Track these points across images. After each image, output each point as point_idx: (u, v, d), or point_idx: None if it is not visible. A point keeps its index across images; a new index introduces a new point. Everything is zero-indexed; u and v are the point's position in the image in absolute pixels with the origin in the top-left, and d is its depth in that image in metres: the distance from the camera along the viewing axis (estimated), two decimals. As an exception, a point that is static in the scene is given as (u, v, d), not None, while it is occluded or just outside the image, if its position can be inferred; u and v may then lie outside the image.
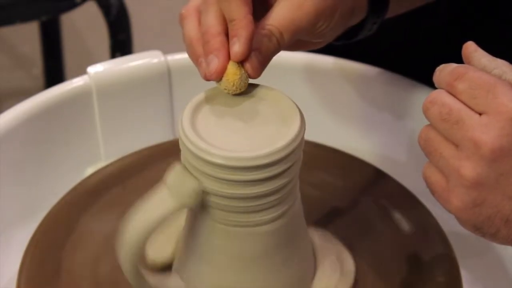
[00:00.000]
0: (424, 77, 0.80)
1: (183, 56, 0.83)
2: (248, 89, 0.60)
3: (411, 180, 0.74)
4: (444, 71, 0.55)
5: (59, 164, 0.79)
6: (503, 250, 0.75)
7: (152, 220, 0.56)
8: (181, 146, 0.58)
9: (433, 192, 0.56)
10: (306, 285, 0.64)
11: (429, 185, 0.56)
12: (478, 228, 0.55)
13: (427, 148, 0.55)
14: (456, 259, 0.68)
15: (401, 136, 0.81)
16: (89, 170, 0.79)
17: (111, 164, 0.76)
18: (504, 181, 0.52)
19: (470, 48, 0.57)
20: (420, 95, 0.78)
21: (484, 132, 0.52)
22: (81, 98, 0.79)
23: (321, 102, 0.82)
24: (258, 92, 0.60)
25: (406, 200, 0.73)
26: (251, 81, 0.60)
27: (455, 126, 0.53)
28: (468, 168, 0.52)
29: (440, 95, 0.55)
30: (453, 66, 0.55)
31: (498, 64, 0.56)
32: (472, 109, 0.53)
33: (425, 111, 0.55)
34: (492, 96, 0.52)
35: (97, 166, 0.78)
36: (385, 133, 0.81)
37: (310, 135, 0.67)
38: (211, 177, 0.56)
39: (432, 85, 0.78)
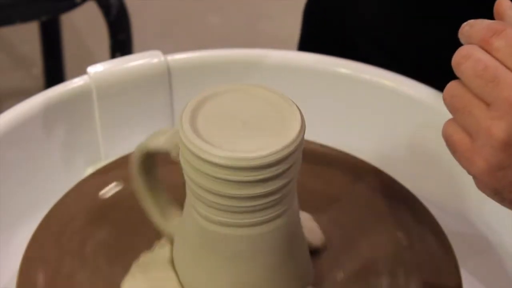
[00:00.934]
0: (425, 77, 0.80)
1: (183, 56, 0.83)
2: (248, 89, 0.60)
3: (411, 180, 0.74)
4: (477, 26, 0.52)
5: (59, 164, 0.79)
6: (503, 250, 0.75)
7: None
8: (181, 146, 0.58)
9: (453, 151, 0.53)
10: (306, 284, 0.64)
11: (450, 143, 0.53)
12: (498, 193, 0.53)
13: (454, 104, 0.52)
14: (456, 259, 0.68)
15: (401, 136, 0.81)
16: (89, 170, 0.79)
17: (111, 164, 0.76)
18: None
19: (504, 5, 0.54)
20: (422, 95, 0.78)
21: None
22: (81, 98, 0.79)
23: (321, 102, 0.82)
24: (258, 92, 0.60)
25: (406, 200, 0.73)
26: (251, 81, 0.60)
27: (490, 83, 0.50)
28: (500, 128, 0.50)
29: (474, 50, 0.52)
30: (487, 21, 0.52)
31: None
32: (510, 69, 0.50)
33: (456, 66, 0.52)
34: None
35: (97, 166, 0.78)
36: (385, 133, 0.81)
37: (310, 135, 0.67)
38: (211, 177, 0.56)
39: (433, 86, 0.78)
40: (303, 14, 0.99)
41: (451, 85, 0.53)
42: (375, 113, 0.82)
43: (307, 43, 1.00)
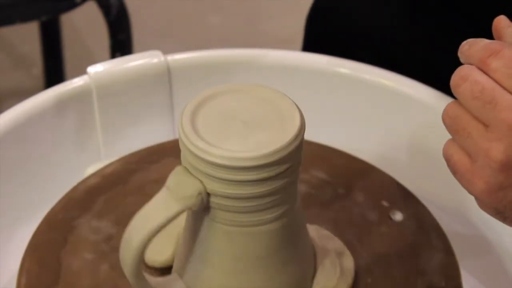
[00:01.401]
0: (425, 77, 0.80)
1: (183, 56, 0.83)
2: (248, 89, 0.60)
3: (411, 180, 0.74)
4: (475, 46, 0.53)
5: (59, 164, 0.79)
6: (503, 250, 0.75)
7: (155, 224, 0.56)
8: (181, 146, 0.58)
9: (454, 171, 0.54)
10: (306, 284, 0.64)
11: (450, 164, 0.54)
12: (499, 212, 0.53)
13: (453, 126, 0.53)
14: (456, 259, 0.68)
15: (401, 136, 0.81)
16: (89, 170, 0.79)
17: (111, 164, 0.76)
18: None
19: (503, 22, 0.54)
20: (422, 96, 0.78)
21: None
22: (81, 98, 0.79)
23: (321, 102, 0.83)
24: (258, 92, 0.60)
25: (406, 200, 0.73)
26: (251, 81, 0.60)
27: (487, 105, 0.51)
28: (498, 150, 0.50)
29: (472, 72, 0.52)
30: (485, 41, 0.53)
31: None
32: (507, 90, 0.50)
33: (455, 87, 0.52)
34: None
35: (97, 166, 0.78)
36: (385, 133, 0.81)
37: (310, 135, 0.67)
38: (211, 177, 0.56)
39: (434, 86, 0.78)
40: (305, 24, 0.99)
41: (450, 106, 0.53)
42: (375, 113, 0.82)
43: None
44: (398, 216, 0.71)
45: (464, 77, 0.52)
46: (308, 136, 0.60)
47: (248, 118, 0.58)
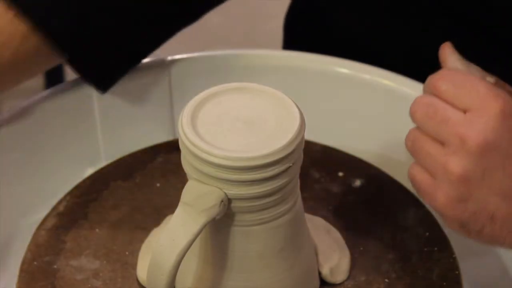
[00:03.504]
0: (406, 75, 0.80)
1: (183, 56, 0.83)
2: (248, 89, 0.60)
3: (411, 180, 0.74)
4: (429, 77, 0.57)
5: (59, 164, 0.79)
6: (503, 250, 0.75)
7: (184, 242, 0.55)
8: (181, 146, 0.58)
9: (418, 189, 0.57)
10: (315, 264, 0.65)
11: (414, 183, 0.57)
12: (463, 226, 0.55)
13: (413, 148, 0.57)
14: (456, 259, 0.68)
15: (401, 136, 0.81)
16: (89, 170, 0.79)
17: (111, 164, 0.76)
18: (490, 176, 0.54)
19: (448, 49, 0.59)
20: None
21: (469, 127, 0.53)
22: (81, 98, 0.79)
23: (321, 102, 0.82)
24: (258, 92, 0.60)
25: (406, 200, 0.73)
26: (251, 81, 0.60)
27: (441, 124, 0.55)
28: (455, 163, 0.54)
29: (425, 97, 0.56)
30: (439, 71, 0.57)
31: (471, 70, 0.58)
32: (457, 107, 0.55)
33: (412, 114, 0.57)
34: (475, 93, 0.54)
35: (97, 166, 0.78)
36: (385, 133, 0.81)
37: (311, 135, 0.67)
38: (211, 177, 0.56)
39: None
40: (283, 28, 1.00)
41: (410, 132, 0.58)
42: (376, 113, 0.82)
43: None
44: (397, 216, 0.71)
45: (419, 103, 0.57)
46: (308, 136, 0.60)
47: (248, 118, 0.58)
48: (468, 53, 0.59)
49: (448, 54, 0.59)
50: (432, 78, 0.56)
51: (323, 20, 0.93)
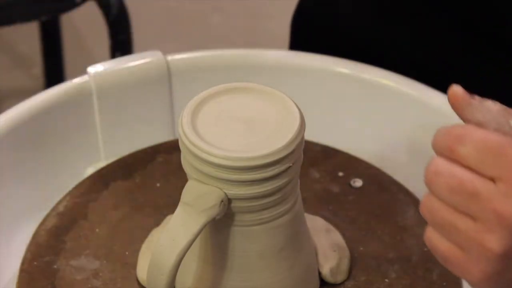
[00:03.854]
0: (426, 77, 0.80)
1: (183, 56, 0.83)
2: (248, 89, 0.60)
3: (411, 180, 0.74)
4: (440, 134, 0.51)
5: (59, 164, 0.79)
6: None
7: (185, 242, 0.55)
8: (181, 146, 0.58)
9: (444, 261, 0.52)
10: (315, 264, 0.65)
11: (438, 254, 0.52)
12: None
13: (436, 220, 0.51)
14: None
15: (401, 136, 0.81)
16: (89, 170, 0.79)
17: (111, 164, 0.76)
18: None
19: (461, 98, 0.53)
20: (422, 95, 0.78)
21: (506, 202, 0.48)
22: (81, 98, 0.79)
23: (321, 102, 0.82)
24: (258, 92, 0.60)
25: (406, 200, 0.73)
26: (251, 81, 0.60)
27: (471, 199, 0.49)
28: (493, 242, 0.49)
29: (444, 165, 0.50)
30: (448, 127, 0.51)
31: (494, 115, 0.52)
32: (482, 175, 0.49)
33: (429, 184, 0.51)
34: (503, 158, 0.48)
35: (97, 166, 0.78)
36: (385, 133, 0.81)
37: (311, 135, 0.67)
38: (211, 177, 0.56)
39: (435, 86, 0.78)
40: (291, 25, 0.99)
41: (427, 200, 0.52)
42: (375, 113, 0.82)
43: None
44: (397, 216, 0.71)
45: (437, 172, 0.50)
46: (309, 136, 0.60)
47: (248, 118, 0.58)
48: (468, 54, 0.57)
49: (463, 105, 0.53)
50: (447, 139, 0.50)
51: (331, 19, 0.92)
